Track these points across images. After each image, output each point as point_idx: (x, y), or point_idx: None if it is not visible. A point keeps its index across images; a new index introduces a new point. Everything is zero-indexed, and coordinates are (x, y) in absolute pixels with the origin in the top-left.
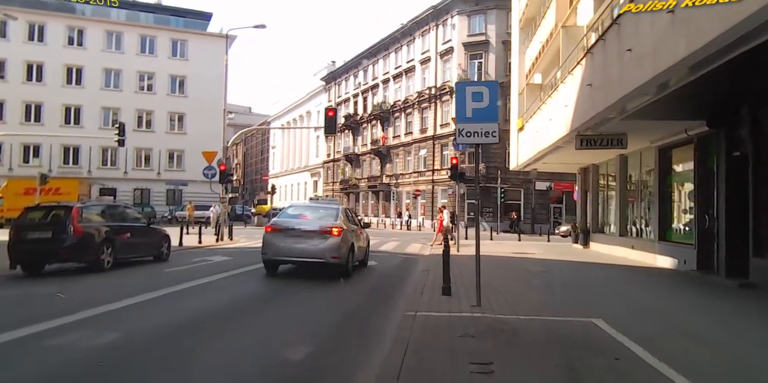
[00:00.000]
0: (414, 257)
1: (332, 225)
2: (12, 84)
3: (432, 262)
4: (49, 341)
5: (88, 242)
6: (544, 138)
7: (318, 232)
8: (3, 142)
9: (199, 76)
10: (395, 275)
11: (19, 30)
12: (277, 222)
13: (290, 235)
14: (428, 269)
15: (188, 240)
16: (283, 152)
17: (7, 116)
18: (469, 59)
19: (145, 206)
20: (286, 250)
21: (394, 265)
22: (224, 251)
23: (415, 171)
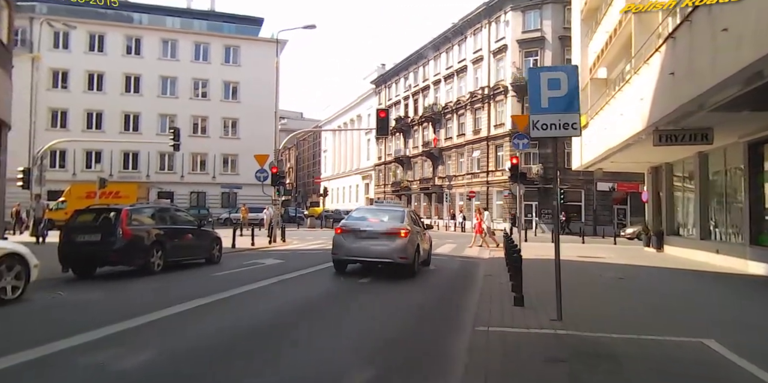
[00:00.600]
0: (474, 261)
1: (400, 227)
2: (74, 93)
3: (494, 266)
4: (82, 358)
5: (138, 245)
6: (614, 135)
7: (386, 233)
8: (67, 149)
9: (252, 81)
10: (458, 280)
11: (80, 41)
12: (347, 224)
13: (359, 236)
14: (491, 273)
15: (241, 242)
16: (334, 155)
17: (71, 124)
18: (524, 57)
19: (201, 208)
20: (355, 250)
21: (455, 269)
22: (276, 253)
23: (469, 173)
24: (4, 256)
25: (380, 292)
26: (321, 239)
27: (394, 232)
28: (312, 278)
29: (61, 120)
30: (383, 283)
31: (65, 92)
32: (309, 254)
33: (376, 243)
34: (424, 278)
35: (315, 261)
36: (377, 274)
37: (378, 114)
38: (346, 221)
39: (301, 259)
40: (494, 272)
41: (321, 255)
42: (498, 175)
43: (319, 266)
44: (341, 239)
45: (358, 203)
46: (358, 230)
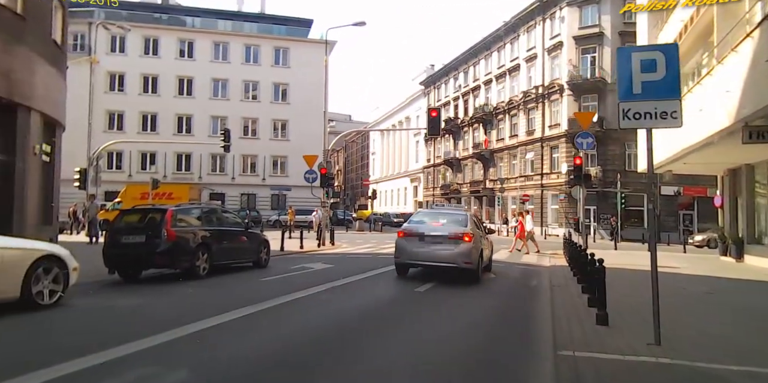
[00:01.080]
0: (535, 269)
1: (464, 231)
2: (130, 96)
3: (559, 275)
4: (112, 378)
5: (183, 247)
6: (691, 133)
7: (450, 238)
8: (123, 150)
9: (301, 82)
10: (523, 290)
11: (135, 44)
12: (410, 228)
13: (423, 240)
14: (559, 284)
15: (290, 245)
16: (382, 158)
17: (126, 126)
18: (581, 54)
19: (251, 210)
20: (419, 254)
21: (516, 277)
22: (325, 257)
23: (522, 175)
24: (41, 258)
25: (440, 303)
26: (370, 242)
27: (458, 236)
28: (364, 286)
29: (117, 122)
30: (442, 292)
31: (121, 95)
32: (359, 259)
33: (440, 247)
34: (486, 287)
35: (366, 266)
36: (436, 280)
37: (429, 113)
38: (408, 225)
39: (352, 264)
40: (561, 282)
41: (371, 260)
42: (553, 178)
43: (370, 272)
44: (404, 243)
45: (406, 206)
46: (421, 234)
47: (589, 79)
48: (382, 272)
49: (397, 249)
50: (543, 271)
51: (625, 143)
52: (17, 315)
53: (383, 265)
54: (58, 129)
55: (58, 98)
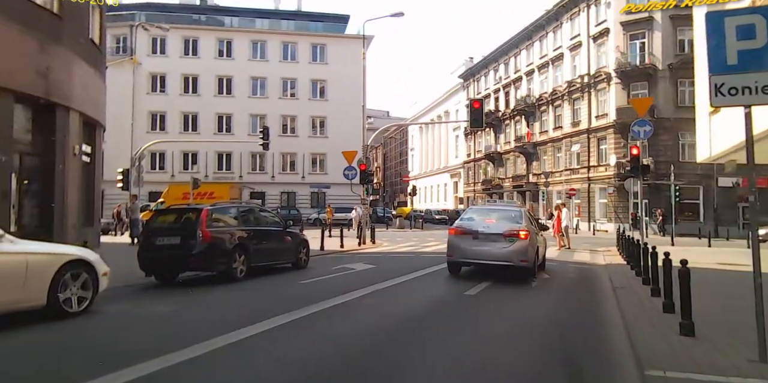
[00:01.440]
0: (590, 268)
1: (519, 228)
2: (171, 96)
3: (619, 275)
4: None
5: (219, 248)
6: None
7: (505, 235)
8: (166, 150)
9: (338, 79)
10: (584, 293)
11: (175, 46)
12: (462, 225)
13: (476, 238)
14: (622, 285)
15: (330, 244)
16: (421, 154)
17: (168, 126)
18: (629, 40)
19: (291, 209)
20: (472, 253)
21: (573, 278)
22: (367, 257)
23: (567, 168)
24: (68, 263)
25: (496, 309)
26: (411, 241)
27: (514, 233)
28: (410, 289)
29: (159, 122)
30: (495, 296)
31: (163, 96)
32: (402, 259)
33: (495, 245)
34: (542, 289)
35: (410, 267)
36: (487, 281)
37: (471, 105)
38: (460, 222)
39: (394, 264)
40: (624, 283)
41: (414, 260)
42: (601, 170)
43: (415, 273)
44: (456, 241)
45: (446, 202)
46: (475, 232)
47: (638, 66)
48: (427, 273)
49: (450, 247)
50: (600, 270)
51: (679, 132)
52: (43, 324)
53: (427, 265)
54: (98, 129)
55: (97, 98)
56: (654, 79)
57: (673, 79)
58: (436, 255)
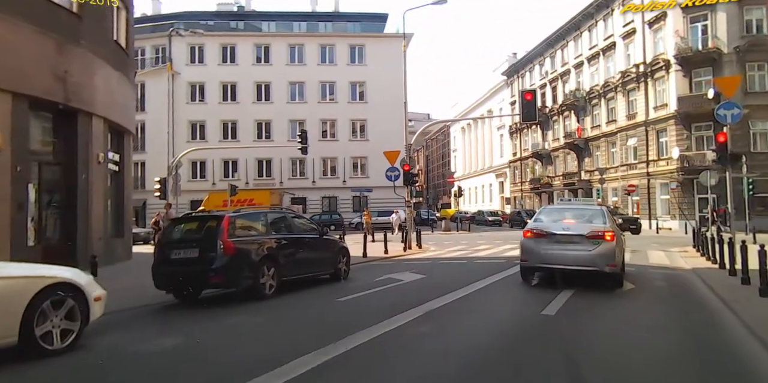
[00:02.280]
0: (675, 273)
1: (604, 229)
2: (210, 105)
3: (718, 283)
4: None
5: (244, 261)
6: None
7: (588, 236)
8: (206, 159)
9: (378, 80)
10: (692, 310)
11: (213, 54)
12: (537, 226)
13: (555, 240)
14: (736, 299)
15: (373, 250)
16: (464, 154)
17: (208, 135)
18: (689, 23)
19: (333, 213)
20: (550, 257)
21: (664, 287)
22: (414, 264)
23: (623, 164)
24: (48, 288)
25: (588, 340)
26: (460, 244)
27: (599, 235)
28: (472, 308)
29: (199, 131)
30: (581, 317)
31: (202, 104)
32: (453, 266)
33: (577, 248)
34: (636, 304)
35: (464, 276)
36: (564, 294)
37: (523, 97)
38: (535, 223)
39: (446, 272)
40: (735, 295)
41: (467, 267)
42: (662, 165)
43: (473, 284)
44: (531, 244)
45: (492, 203)
46: (552, 234)
47: (701, 51)
48: (487, 285)
49: (524, 251)
50: (688, 276)
51: (749, 120)
52: (13, 365)
53: (484, 273)
54: (127, 137)
55: (125, 104)
56: (719, 64)
57: (740, 63)
58: (490, 261)
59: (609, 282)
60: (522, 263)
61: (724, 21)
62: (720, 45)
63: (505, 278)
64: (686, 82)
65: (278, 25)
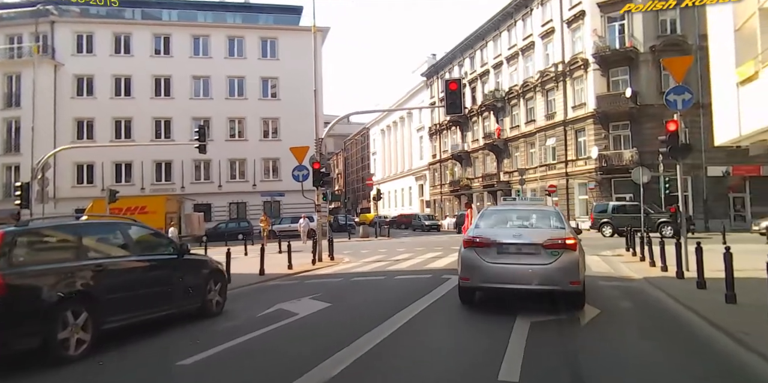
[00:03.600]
0: (630, 285)
1: (564, 236)
2: (101, 100)
3: (693, 299)
4: None
5: (25, 307)
6: None
7: (546, 246)
8: (94, 162)
9: (292, 76)
10: (690, 350)
11: (104, 43)
12: (483, 234)
13: (503, 251)
14: (743, 331)
15: (275, 263)
16: (384, 157)
17: (97, 134)
18: (607, 23)
19: (241, 220)
20: (499, 274)
21: (631, 310)
22: (320, 283)
23: (543, 164)
24: None
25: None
26: (379, 252)
27: (558, 243)
28: (391, 371)
29: (87, 130)
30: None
31: (91, 100)
32: (369, 285)
33: (531, 261)
34: (626, 350)
35: (382, 304)
36: (516, 322)
37: (447, 87)
38: (479, 230)
39: (359, 296)
40: (734, 319)
41: (387, 287)
42: (580, 165)
43: (393, 319)
44: (474, 258)
45: (411, 206)
46: (499, 243)
47: (618, 50)
48: (413, 318)
49: (464, 267)
50: (648, 289)
51: (664, 119)
52: None
53: (407, 297)
54: None
55: None
56: (636, 63)
57: (655, 62)
58: (414, 276)
59: (568, 303)
60: (462, 282)
61: (640, 21)
62: (637, 44)
63: (436, 302)
64: (604, 82)
65: (180, 14)
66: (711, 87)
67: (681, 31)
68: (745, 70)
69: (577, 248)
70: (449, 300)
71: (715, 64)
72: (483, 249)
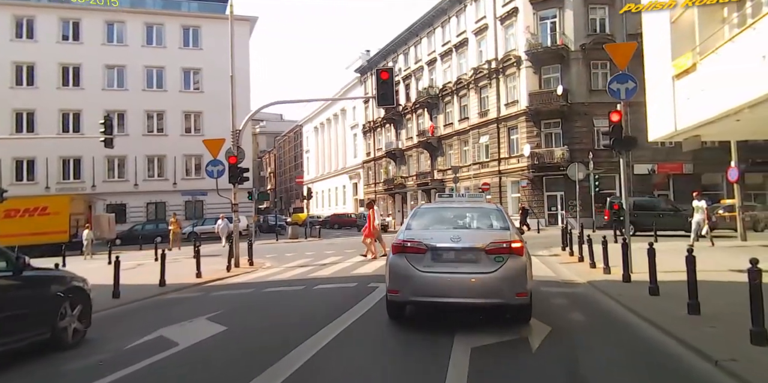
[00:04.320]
0: (576, 292)
1: (509, 238)
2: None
3: (649, 308)
4: None
5: None
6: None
7: (488, 251)
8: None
9: (216, 67)
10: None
11: (4, 27)
12: (415, 237)
13: (439, 258)
14: (734, 358)
15: (183, 271)
16: (318, 155)
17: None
18: (539, 20)
19: (160, 222)
20: (435, 285)
21: (584, 324)
22: (228, 296)
23: (476, 162)
24: None
25: None
26: (305, 256)
27: (502, 247)
28: None
29: None
30: None
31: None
32: (282, 299)
33: (472, 270)
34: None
35: (292, 325)
36: (464, 359)
37: (379, 77)
38: (410, 232)
39: (266, 316)
40: (706, 341)
41: (305, 300)
42: (513, 162)
43: (302, 348)
44: (404, 265)
45: (345, 206)
46: (434, 248)
47: (550, 47)
48: (327, 344)
49: (392, 277)
50: (597, 296)
51: (593, 117)
52: None
53: (326, 314)
54: None
55: None
56: (566, 62)
57: (586, 60)
58: (337, 285)
59: (513, 317)
60: (390, 296)
61: (571, 18)
62: (567, 42)
63: (360, 320)
64: (536, 79)
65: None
66: (645, 82)
67: (610, 31)
68: (682, 62)
69: (524, 253)
70: (376, 315)
71: (649, 58)
72: (415, 255)
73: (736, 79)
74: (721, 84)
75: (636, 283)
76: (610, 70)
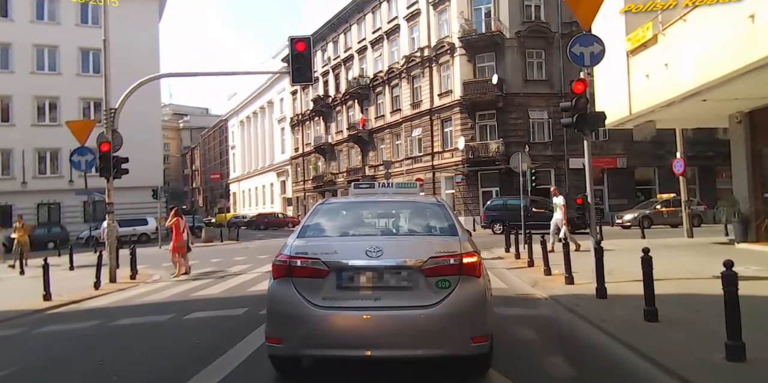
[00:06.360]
0: (539, 314)
1: (458, 249)
2: None
3: (644, 342)
4: None
5: None
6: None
7: (425, 271)
8: None
9: (123, 49)
10: None
11: None
12: (309, 250)
13: (348, 284)
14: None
15: (25, 293)
16: (243, 151)
17: None
18: (473, 6)
19: (53, 225)
20: (342, 330)
21: (560, 369)
22: (59, 333)
23: (409, 157)
24: None
25: None
26: (209, 264)
27: (448, 265)
28: None
29: None
30: None
31: None
32: (135, 337)
33: (401, 303)
34: None
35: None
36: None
37: (294, 47)
38: (302, 242)
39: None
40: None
41: (166, 336)
42: (447, 157)
43: None
44: (290, 297)
45: (273, 205)
46: (341, 267)
47: (485, 34)
48: None
49: (273, 317)
50: (570, 320)
51: (528, 109)
52: None
53: (182, 365)
54: None
55: None
56: (501, 49)
57: (521, 49)
58: (222, 308)
59: (460, 370)
60: (272, 346)
61: (506, 5)
62: (503, 29)
63: (230, 377)
64: (471, 68)
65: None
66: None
67: (545, 18)
68: (640, 34)
69: (481, 273)
70: (259, 363)
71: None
72: (309, 281)
73: (713, 48)
74: (692, 55)
75: (614, 300)
76: (545, 60)
